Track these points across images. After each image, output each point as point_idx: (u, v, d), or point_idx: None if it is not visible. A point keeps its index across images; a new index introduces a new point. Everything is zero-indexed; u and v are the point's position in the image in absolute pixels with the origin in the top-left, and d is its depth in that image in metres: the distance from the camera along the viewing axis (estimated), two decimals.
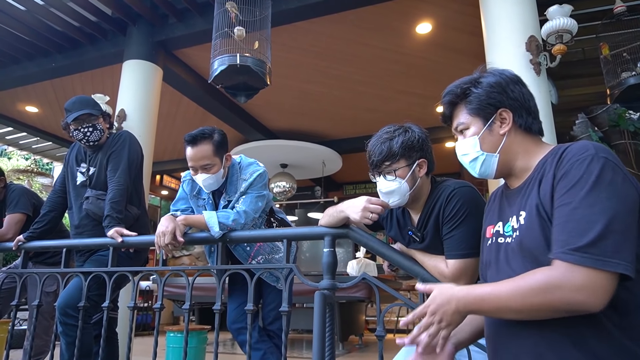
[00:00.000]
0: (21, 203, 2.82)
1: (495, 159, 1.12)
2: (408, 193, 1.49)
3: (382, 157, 1.48)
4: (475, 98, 1.13)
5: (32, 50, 4.71)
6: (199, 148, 2.03)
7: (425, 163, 1.51)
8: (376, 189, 1.55)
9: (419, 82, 5.31)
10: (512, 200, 1.10)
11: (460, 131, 1.18)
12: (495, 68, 1.18)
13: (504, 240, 1.08)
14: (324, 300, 1.59)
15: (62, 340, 2.21)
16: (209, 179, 2.06)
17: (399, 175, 1.47)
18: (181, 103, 5.87)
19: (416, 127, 1.55)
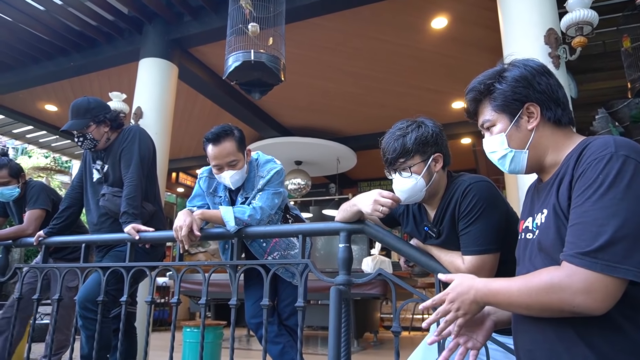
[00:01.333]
0: (41, 199, 2.88)
1: (524, 155, 1.08)
2: (425, 189, 1.47)
3: (396, 154, 1.46)
4: (499, 94, 1.08)
5: (51, 49, 4.80)
6: (223, 145, 2.05)
7: (440, 157, 1.48)
8: (391, 185, 1.54)
9: (434, 77, 5.26)
10: (540, 196, 1.08)
11: (487, 128, 1.14)
12: (520, 59, 1.13)
13: (531, 236, 1.06)
14: (339, 296, 1.59)
15: (82, 334, 2.26)
16: (236, 175, 2.08)
17: (415, 171, 1.46)
18: (197, 101, 5.92)
19: (430, 121, 1.52)
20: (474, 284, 1.01)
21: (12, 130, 7.38)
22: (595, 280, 0.82)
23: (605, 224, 0.83)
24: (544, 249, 0.98)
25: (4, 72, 5.29)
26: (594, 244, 0.83)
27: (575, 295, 0.84)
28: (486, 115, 1.12)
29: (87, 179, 2.56)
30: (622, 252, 0.82)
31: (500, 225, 1.41)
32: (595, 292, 0.83)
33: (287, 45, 4.39)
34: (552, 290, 0.86)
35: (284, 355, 2.20)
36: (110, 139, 2.49)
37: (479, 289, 1.00)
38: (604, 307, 0.83)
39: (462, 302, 1.02)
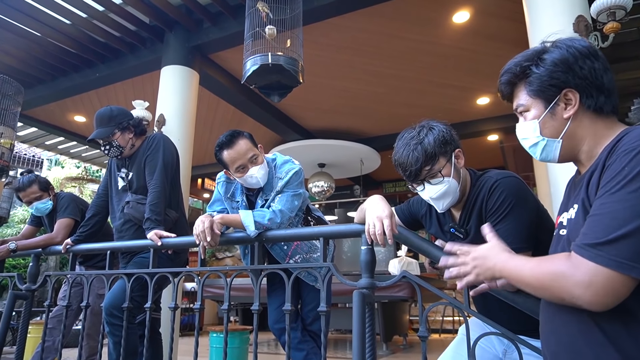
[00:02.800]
0: (70, 209, 2.94)
1: (557, 144, 1.02)
2: (458, 188, 1.41)
3: (420, 164, 1.36)
4: (536, 79, 1.01)
5: (78, 61, 4.93)
6: (240, 145, 2.05)
7: (461, 152, 1.42)
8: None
9: (457, 73, 5.13)
10: (575, 190, 1.01)
11: (520, 113, 1.07)
12: (564, 39, 1.04)
13: (564, 232, 1.01)
14: (362, 300, 1.54)
15: (109, 340, 2.28)
16: (261, 169, 2.07)
17: (445, 174, 1.38)
18: (219, 106, 5.97)
19: (435, 121, 1.45)
20: (499, 255, 1.02)
21: (44, 142, 7.64)
22: (599, 274, 0.79)
23: (620, 218, 0.79)
24: None
25: (36, 85, 5.48)
26: (605, 237, 0.79)
27: (576, 286, 0.81)
28: (520, 99, 1.06)
29: (112, 187, 2.60)
30: (633, 249, 0.77)
31: (531, 223, 1.33)
32: (596, 286, 0.79)
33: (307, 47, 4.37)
34: (556, 278, 0.85)
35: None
36: (135, 146, 2.52)
37: (498, 262, 1.01)
38: (605, 302, 0.79)
39: (481, 264, 1.03)
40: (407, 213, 1.66)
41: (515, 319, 1.39)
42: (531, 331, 1.39)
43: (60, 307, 2.89)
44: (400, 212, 1.68)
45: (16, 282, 2.63)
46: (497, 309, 1.44)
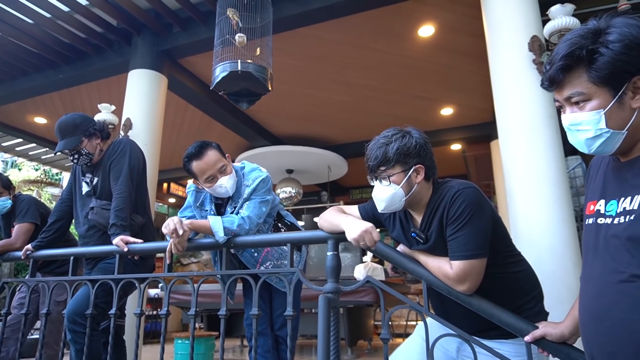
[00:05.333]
0: (30, 213, 2.86)
1: (621, 136, 0.93)
2: (403, 199, 1.48)
3: (377, 162, 1.47)
4: (606, 64, 0.88)
5: (40, 62, 4.78)
6: (209, 156, 2.07)
7: (422, 169, 1.48)
8: None
9: (423, 85, 5.31)
10: (624, 175, 0.94)
11: (575, 102, 0.96)
12: (622, 19, 0.92)
13: (604, 221, 0.95)
14: (328, 304, 1.59)
15: (71, 348, 2.23)
16: (230, 179, 2.10)
17: (394, 181, 1.46)
18: (187, 111, 5.92)
19: (416, 132, 1.53)
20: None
21: (1, 143, 7.33)
22: None
23: None
24: (637, 240, 0.87)
25: None
26: None
27: None
28: (578, 87, 0.93)
29: (77, 192, 2.55)
30: None
31: (487, 231, 1.43)
32: None
33: (277, 55, 4.42)
34: None
35: None
36: (103, 150, 2.49)
37: None
38: None
39: None
40: (370, 212, 1.71)
41: (471, 320, 1.48)
42: (484, 331, 1.48)
43: (16, 316, 2.79)
44: (364, 210, 1.73)
45: None
46: (453, 312, 1.52)
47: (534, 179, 2.56)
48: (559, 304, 2.08)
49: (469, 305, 1.44)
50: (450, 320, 1.50)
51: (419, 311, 1.57)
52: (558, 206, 2.47)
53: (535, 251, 2.48)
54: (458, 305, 1.46)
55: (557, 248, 2.41)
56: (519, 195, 2.61)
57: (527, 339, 1.36)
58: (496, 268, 1.46)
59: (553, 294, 2.18)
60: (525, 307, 1.47)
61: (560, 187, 2.49)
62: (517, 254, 1.56)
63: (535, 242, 2.51)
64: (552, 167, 2.51)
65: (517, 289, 1.50)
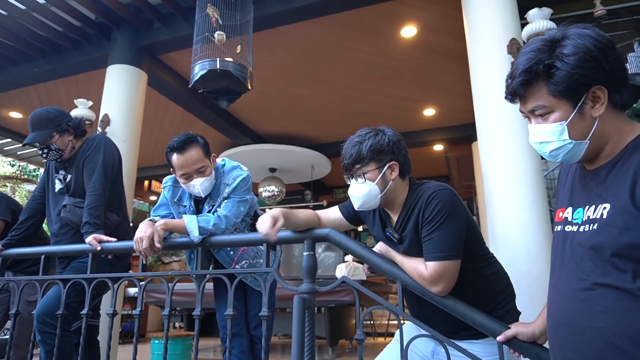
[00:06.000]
0: (0, 210, 2.77)
1: (584, 146, 0.94)
2: (379, 196, 1.49)
3: (351, 160, 1.50)
4: (562, 77, 0.90)
5: (15, 55, 4.66)
6: (190, 153, 2.02)
7: (396, 166, 1.51)
8: None
9: (405, 85, 5.34)
10: (589, 183, 0.96)
11: (539, 115, 0.97)
12: (574, 29, 0.93)
13: (571, 228, 0.96)
14: (303, 305, 1.58)
15: (41, 349, 2.18)
16: (205, 182, 2.04)
17: (369, 178, 1.48)
18: (168, 108, 5.84)
19: (390, 130, 1.56)
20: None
21: None
22: None
23: None
24: (599, 249, 0.88)
25: None
26: None
27: None
28: (540, 100, 0.95)
29: (50, 189, 2.48)
30: None
31: (462, 233, 1.43)
32: None
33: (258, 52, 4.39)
34: None
35: None
36: (75, 148, 2.43)
37: None
38: None
39: None
40: (351, 210, 1.72)
41: (445, 321, 1.49)
42: (455, 332, 1.49)
43: None
44: (344, 208, 1.75)
45: None
46: (429, 313, 1.53)
47: (511, 180, 2.60)
48: (533, 302, 2.11)
49: (443, 306, 1.45)
50: (426, 321, 1.50)
51: (394, 312, 1.57)
52: (534, 207, 2.51)
53: (512, 251, 2.52)
54: (433, 306, 1.47)
55: (532, 248, 2.45)
56: (496, 196, 2.65)
57: (500, 339, 1.36)
58: (470, 271, 1.47)
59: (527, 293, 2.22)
60: (497, 307, 1.49)
61: (536, 189, 2.53)
62: (491, 256, 1.58)
63: (511, 242, 2.55)
64: (528, 169, 2.55)
65: (490, 290, 1.51)
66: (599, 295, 0.88)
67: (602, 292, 0.88)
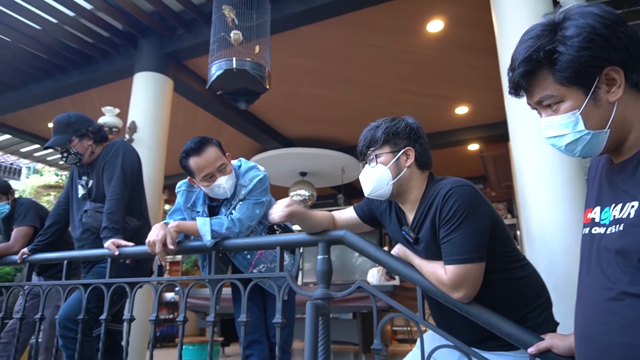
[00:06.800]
0: (29, 216, 2.85)
1: (604, 136, 0.83)
2: (391, 182, 1.40)
3: (365, 144, 1.45)
4: (568, 62, 0.80)
5: (49, 67, 4.84)
6: (208, 153, 1.99)
7: (412, 152, 1.42)
8: None
9: (434, 82, 5.16)
10: (616, 179, 0.86)
11: (547, 105, 0.88)
12: (574, 8, 0.84)
13: (598, 230, 0.86)
14: (316, 311, 1.49)
15: (63, 354, 2.19)
16: (229, 180, 2.01)
17: (382, 161, 1.42)
18: (196, 115, 5.90)
19: (411, 118, 1.50)
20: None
21: (19, 149, 7.47)
22: None
23: None
24: (626, 254, 0.77)
25: (7, 92, 5.36)
26: None
27: None
28: (547, 89, 0.85)
29: (73, 195, 2.53)
30: None
31: (484, 232, 1.31)
32: None
33: (283, 54, 4.35)
34: None
35: None
36: (95, 153, 2.46)
37: None
38: None
39: None
40: (366, 209, 1.65)
41: (471, 330, 1.36)
42: (482, 341, 1.36)
43: (15, 321, 2.78)
44: (359, 208, 1.67)
45: None
46: (452, 320, 1.41)
47: (546, 176, 2.41)
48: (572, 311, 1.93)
49: (466, 314, 1.32)
50: (449, 329, 1.38)
51: (413, 320, 1.45)
52: (572, 205, 2.31)
53: (548, 254, 2.33)
54: (456, 313, 1.35)
55: (571, 250, 2.25)
56: (530, 194, 2.46)
57: (531, 351, 1.23)
58: (497, 274, 1.34)
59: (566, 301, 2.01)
60: (530, 316, 1.34)
61: (574, 184, 2.33)
62: (521, 258, 1.44)
63: (548, 244, 2.36)
64: (565, 163, 2.36)
65: (521, 296, 1.37)
66: (626, 306, 0.77)
67: (630, 302, 0.76)
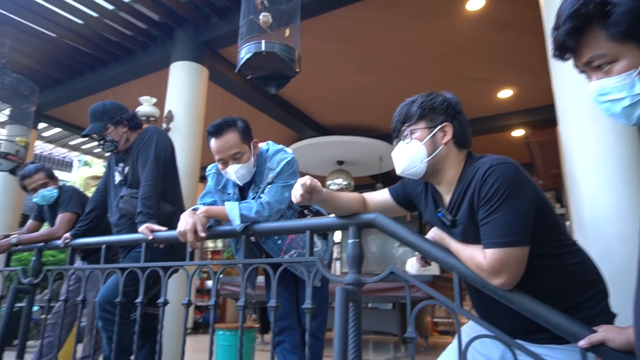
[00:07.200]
0: (72, 203, 2.95)
1: None
2: (425, 160, 1.31)
3: (400, 119, 1.37)
4: (624, 15, 0.73)
5: (92, 61, 5.00)
6: (225, 137, 1.95)
7: (450, 128, 1.33)
8: None
9: (474, 64, 4.92)
10: None
11: (597, 66, 0.81)
12: None
13: None
14: (346, 296, 1.43)
15: (103, 335, 2.25)
16: (242, 169, 1.96)
17: (416, 137, 1.33)
18: (233, 104, 5.93)
19: (449, 93, 1.41)
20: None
21: (68, 142, 7.82)
22: None
23: None
24: None
25: (55, 86, 5.59)
26: None
27: None
28: (599, 48, 0.79)
29: (111, 182, 2.58)
30: None
31: (528, 214, 1.19)
32: None
33: (316, 40, 4.28)
34: None
35: None
36: (130, 140, 2.50)
37: None
38: None
39: None
40: (401, 191, 1.56)
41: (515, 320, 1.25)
42: (528, 333, 1.25)
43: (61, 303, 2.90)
44: (394, 190, 1.58)
45: (20, 276, 2.65)
46: (494, 309, 1.31)
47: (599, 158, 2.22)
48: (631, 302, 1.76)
49: (508, 302, 1.22)
50: (491, 319, 1.28)
51: (449, 308, 1.36)
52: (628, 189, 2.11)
53: (602, 241, 2.15)
54: (497, 301, 1.24)
55: (628, 237, 2.06)
56: (581, 176, 2.28)
57: (582, 345, 1.11)
58: (545, 259, 1.23)
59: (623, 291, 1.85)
60: (582, 306, 1.21)
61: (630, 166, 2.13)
62: (572, 243, 1.30)
63: (602, 230, 2.17)
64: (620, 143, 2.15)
65: (572, 285, 1.24)
66: None
67: None
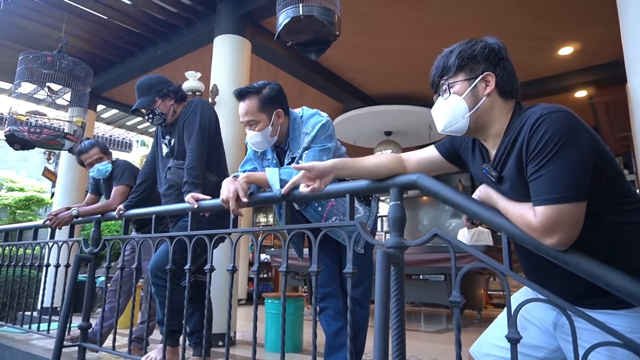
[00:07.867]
0: (125, 176, 3.08)
1: None
2: (467, 115, 1.20)
3: (437, 73, 1.25)
4: None
5: (141, 41, 5.13)
6: (244, 103, 1.97)
7: (492, 77, 1.20)
8: None
9: (529, 20, 4.54)
10: None
11: None
12: None
13: None
14: (387, 260, 1.37)
15: (156, 300, 2.36)
16: (255, 137, 1.98)
17: (455, 92, 1.22)
18: (277, 77, 5.90)
19: (492, 38, 1.26)
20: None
21: (125, 122, 8.18)
22: None
23: None
24: None
25: (109, 68, 5.81)
26: None
27: None
28: None
29: (158, 154, 2.66)
30: None
31: (585, 167, 1.05)
32: None
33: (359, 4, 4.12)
34: None
35: (337, 336, 2.03)
36: (177, 112, 2.55)
37: None
38: None
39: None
40: (449, 145, 1.44)
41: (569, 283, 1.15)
42: (584, 297, 1.14)
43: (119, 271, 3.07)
44: (441, 146, 1.47)
45: (82, 245, 2.83)
46: (546, 272, 1.20)
47: None
48: None
49: (563, 264, 1.11)
50: (543, 283, 1.19)
51: (497, 270, 1.27)
52: None
53: None
54: (549, 263, 1.14)
55: None
56: None
57: None
58: (605, 218, 1.10)
59: None
60: None
61: None
62: (636, 200, 1.16)
63: None
64: None
65: (636, 246, 1.11)
66: None
67: None
